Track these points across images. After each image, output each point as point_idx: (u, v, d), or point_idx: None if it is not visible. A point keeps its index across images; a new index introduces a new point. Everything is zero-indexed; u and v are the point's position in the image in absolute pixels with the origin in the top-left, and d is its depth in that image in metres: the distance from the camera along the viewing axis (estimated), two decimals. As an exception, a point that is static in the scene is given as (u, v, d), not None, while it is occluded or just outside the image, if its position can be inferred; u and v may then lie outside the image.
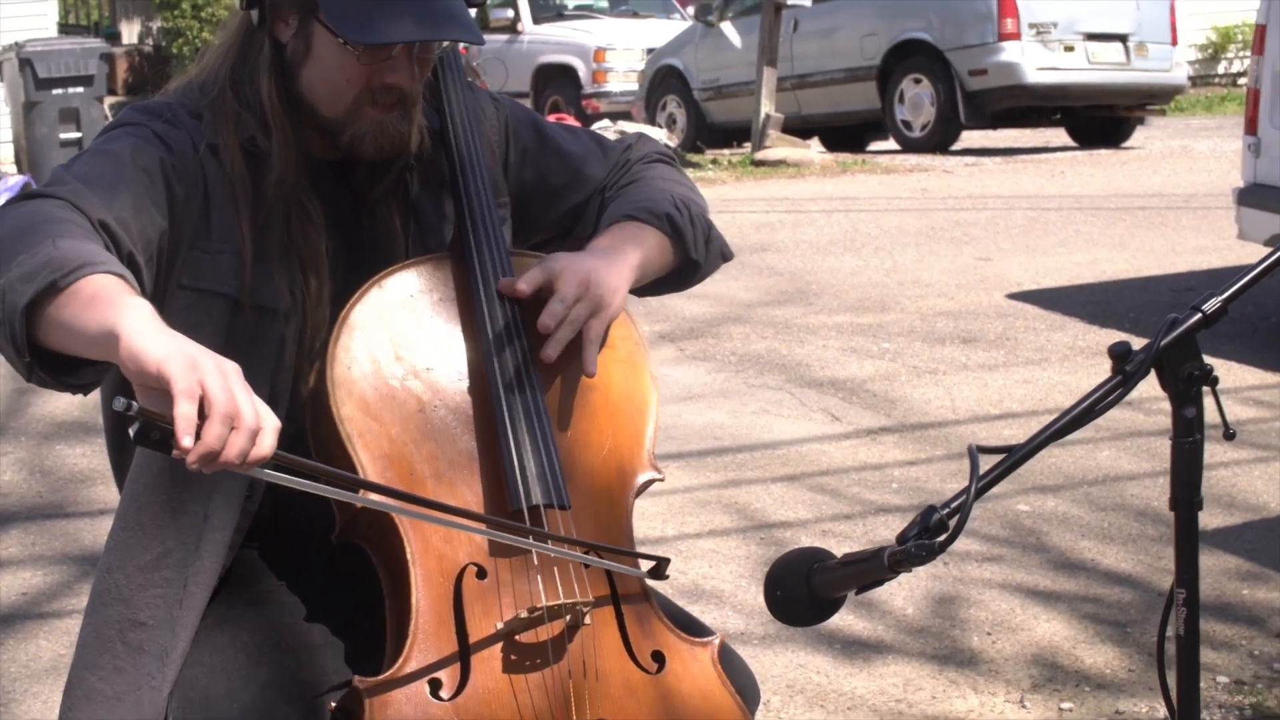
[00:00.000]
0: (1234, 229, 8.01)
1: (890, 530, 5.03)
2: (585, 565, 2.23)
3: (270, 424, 1.85)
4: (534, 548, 2.20)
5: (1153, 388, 1.91)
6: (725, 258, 2.63)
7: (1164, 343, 1.87)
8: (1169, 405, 1.89)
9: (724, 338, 7.97)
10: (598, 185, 2.61)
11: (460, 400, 2.28)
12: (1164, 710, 3.87)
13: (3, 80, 15.48)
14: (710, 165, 15.69)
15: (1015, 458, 1.91)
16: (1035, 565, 4.87)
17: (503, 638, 2.16)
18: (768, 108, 15.81)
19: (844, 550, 2.00)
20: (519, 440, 2.23)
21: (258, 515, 2.35)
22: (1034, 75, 15.87)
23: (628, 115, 18.94)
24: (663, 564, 2.28)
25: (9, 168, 16.15)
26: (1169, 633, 1.97)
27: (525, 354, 2.28)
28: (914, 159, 15.89)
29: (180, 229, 2.24)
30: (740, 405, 6.71)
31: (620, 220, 2.46)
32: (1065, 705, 3.98)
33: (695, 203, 2.55)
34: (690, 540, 5.09)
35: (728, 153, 17.35)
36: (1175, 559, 1.93)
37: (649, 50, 20.19)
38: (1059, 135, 18.01)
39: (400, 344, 2.27)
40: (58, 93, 14.65)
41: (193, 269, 2.26)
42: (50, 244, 1.95)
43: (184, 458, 1.79)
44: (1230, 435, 1.91)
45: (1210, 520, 5.13)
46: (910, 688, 4.07)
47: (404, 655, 2.13)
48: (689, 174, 2.71)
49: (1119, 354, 1.88)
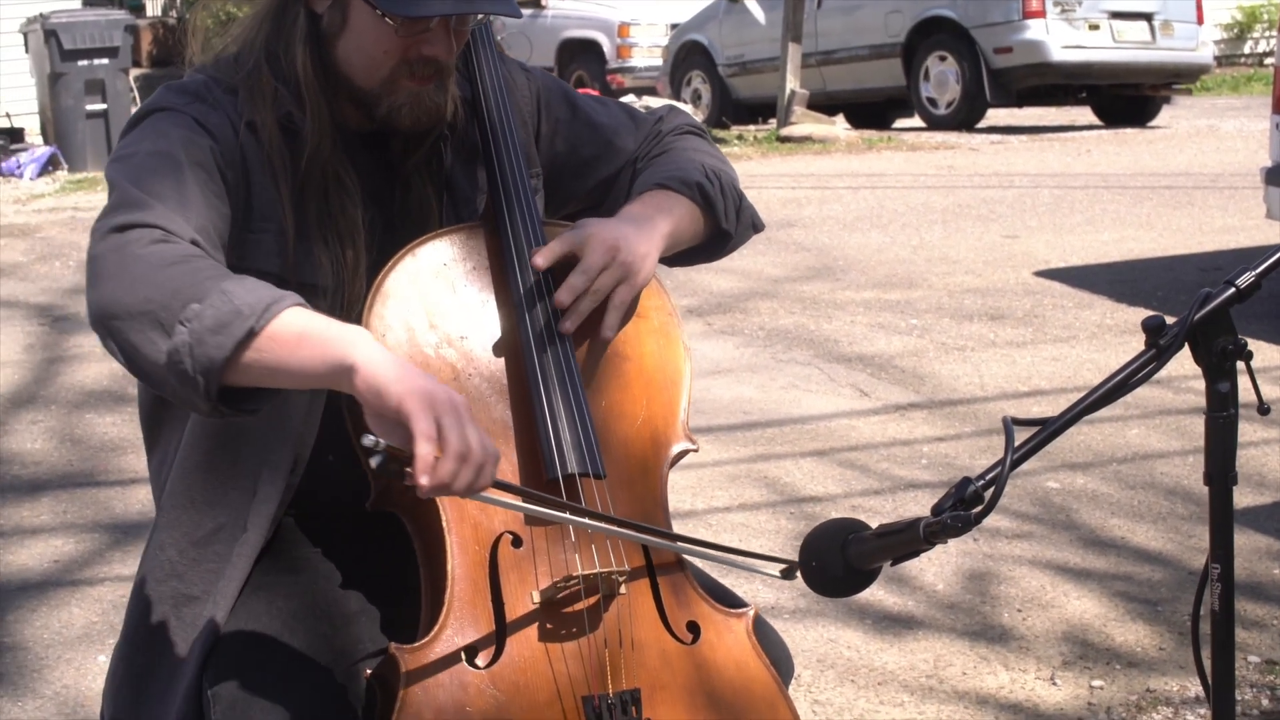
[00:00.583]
0: (1261, 208, 7.97)
1: (920, 506, 5.03)
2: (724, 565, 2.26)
3: (492, 454, 1.94)
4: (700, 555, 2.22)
5: (1180, 366, 1.89)
6: (756, 228, 2.62)
7: (1198, 317, 1.85)
8: (1197, 383, 1.87)
9: (752, 312, 7.96)
10: (629, 157, 2.60)
11: (494, 369, 2.27)
12: (1195, 689, 3.86)
13: (28, 52, 15.50)
14: (736, 141, 15.65)
15: (1050, 430, 1.90)
16: (1065, 542, 4.85)
17: (538, 606, 2.15)
18: (793, 84, 15.77)
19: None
20: (554, 409, 2.22)
21: (299, 485, 2.35)
22: (1059, 53, 15.81)
23: (652, 90, 18.91)
24: (794, 567, 2.27)
25: (35, 138, 16.17)
26: (1203, 609, 1.95)
27: (558, 323, 2.27)
28: (939, 136, 15.84)
29: (234, 213, 2.24)
30: (769, 380, 6.70)
31: (652, 189, 2.45)
32: (1096, 683, 3.96)
33: (726, 174, 2.54)
34: (720, 514, 5.08)
35: (753, 129, 17.31)
36: (1210, 534, 1.92)
37: (673, 25, 20.13)
38: (1085, 114, 17.94)
39: (434, 312, 2.26)
40: (83, 64, 14.68)
41: (239, 249, 2.25)
42: (219, 291, 1.95)
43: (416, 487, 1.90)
44: (1265, 410, 1.89)
45: (1240, 499, 5.08)
46: (941, 663, 4.06)
47: (439, 623, 2.12)
48: (715, 149, 2.69)
49: (1153, 328, 1.87)
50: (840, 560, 1.98)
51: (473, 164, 2.45)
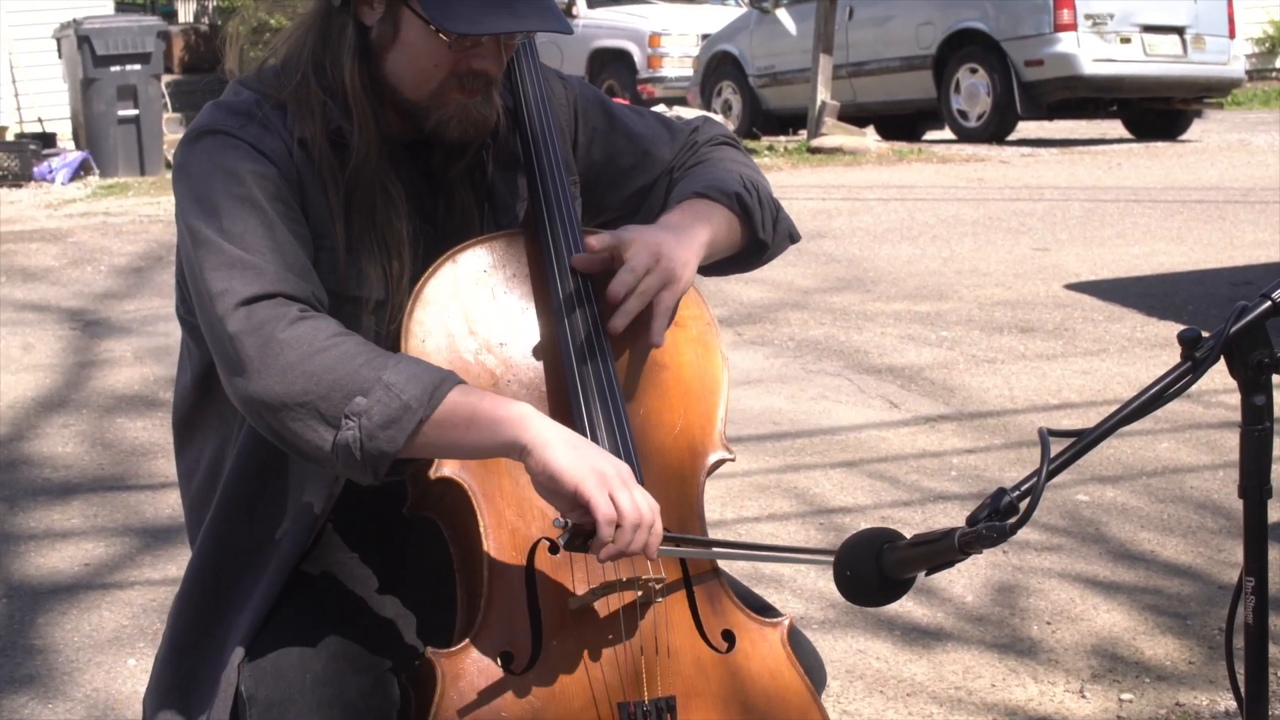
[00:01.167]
0: (1293, 223, 7.95)
1: (949, 517, 5.02)
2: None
3: (658, 510, 2.11)
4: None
5: (1210, 381, 1.89)
6: (793, 239, 2.62)
7: (1234, 330, 1.85)
8: (1227, 397, 1.88)
9: (782, 323, 7.96)
10: (665, 167, 2.61)
11: (533, 375, 2.28)
12: (1225, 703, 3.85)
13: (61, 57, 15.57)
14: (766, 152, 15.64)
15: (1086, 441, 1.89)
16: (1095, 555, 4.84)
17: (574, 612, 2.16)
18: (823, 95, 15.77)
19: (905, 536, 1.99)
20: (592, 416, 2.23)
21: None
22: (1090, 67, 15.78)
23: (683, 101, 18.90)
24: None
25: (67, 144, 16.23)
26: (1236, 622, 1.95)
27: (598, 330, 2.28)
28: (970, 149, 15.81)
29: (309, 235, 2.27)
30: (799, 390, 6.70)
31: (690, 198, 2.45)
32: (1125, 696, 3.96)
33: (763, 185, 2.54)
34: (749, 524, 5.09)
35: (783, 139, 17.30)
36: (1244, 547, 1.91)
37: (704, 36, 20.14)
38: (1115, 127, 17.89)
39: (474, 318, 2.27)
40: (115, 70, 14.74)
41: None
42: (379, 383, 2.06)
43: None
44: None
45: (1274, 513, 5.08)
46: (970, 675, 4.06)
47: (476, 628, 2.13)
48: (745, 159, 2.70)
49: (1189, 340, 1.86)
50: (875, 569, 1.97)
51: (513, 172, 2.46)
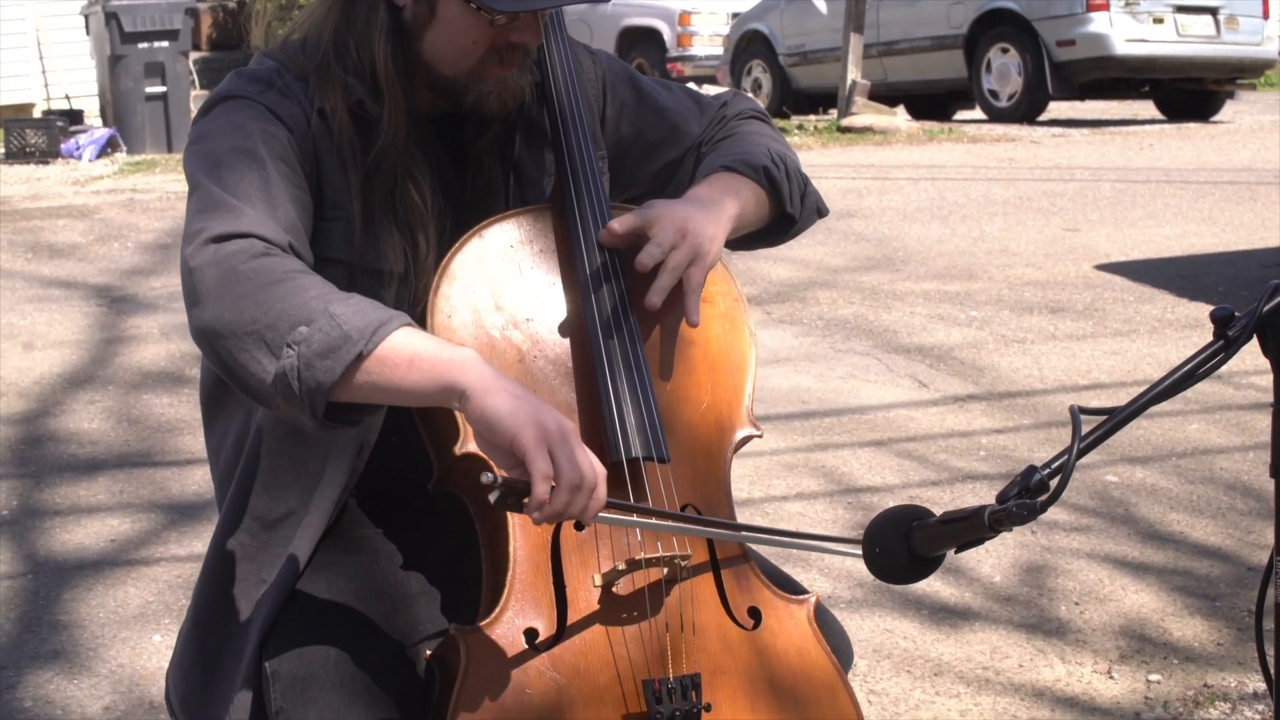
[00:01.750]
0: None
1: (977, 497, 5.00)
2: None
3: (602, 475, 1.97)
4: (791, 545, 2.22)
5: (1240, 361, 1.87)
6: (820, 213, 2.59)
7: (1267, 308, 1.83)
8: (1258, 379, 1.87)
9: (811, 302, 7.94)
10: (694, 141, 2.59)
11: (560, 351, 2.26)
12: (1253, 684, 3.84)
13: (89, 34, 15.58)
14: (796, 131, 15.60)
15: (1117, 419, 1.88)
16: (1124, 536, 4.82)
17: (600, 589, 2.15)
18: (854, 74, 15.71)
19: (934, 516, 1.98)
20: (619, 392, 2.21)
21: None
22: (1122, 47, 15.70)
23: (712, 79, 18.88)
24: None
25: (94, 120, 16.25)
26: (1266, 603, 1.94)
27: (625, 306, 2.26)
28: (1001, 129, 15.75)
29: (313, 202, 2.24)
30: (827, 369, 6.68)
31: (717, 171, 2.43)
32: (1153, 677, 3.94)
33: (791, 158, 2.52)
34: (777, 503, 5.07)
35: (813, 119, 17.25)
36: (1275, 528, 1.90)
37: (734, 14, 20.08)
38: (1147, 108, 17.80)
39: (500, 294, 2.25)
40: (143, 46, 14.74)
41: (311, 237, 2.24)
42: (326, 314, 1.97)
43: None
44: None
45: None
46: (997, 655, 4.05)
47: (500, 604, 2.12)
48: (775, 137, 2.67)
49: (1221, 319, 1.85)
50: (904, 547, 1.96)
51: (540, 147, 2.44)
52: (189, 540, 4.78)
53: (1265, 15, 16.75)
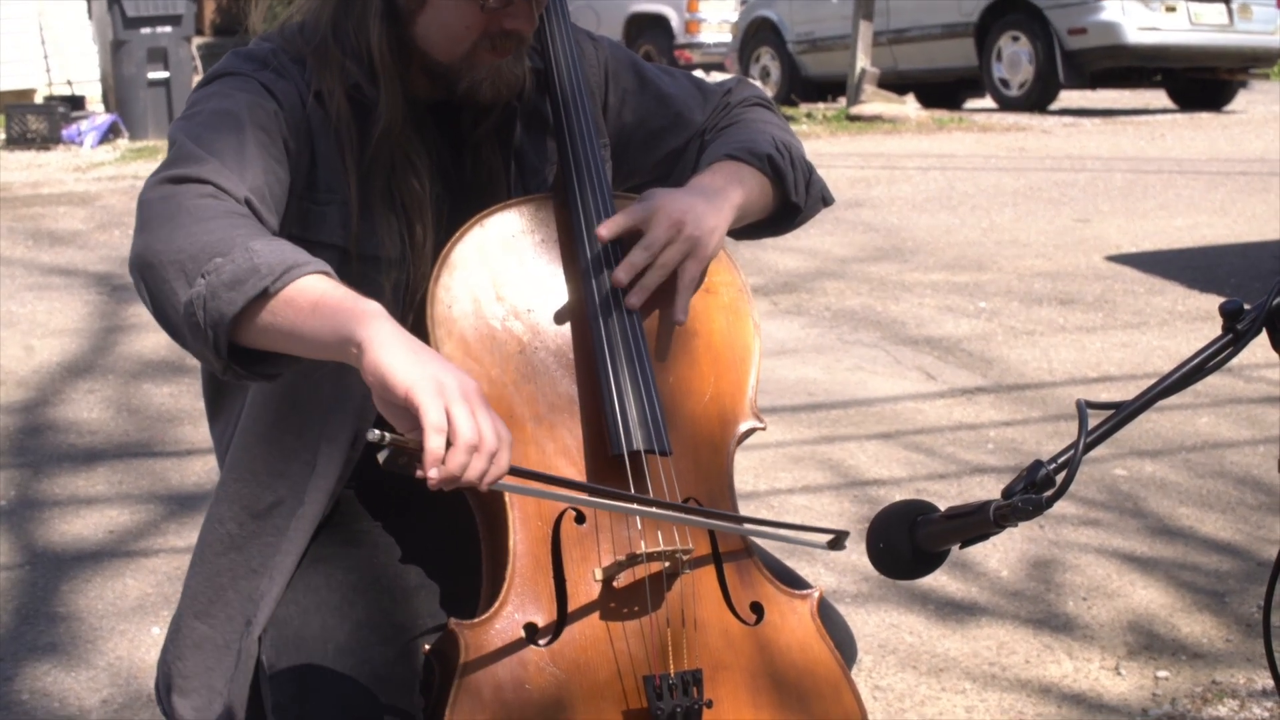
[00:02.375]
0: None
1: (985, 490, 4.98)
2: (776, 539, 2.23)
3: (506, 441, 1.87)
4: (737, 530, 2.18)
5: (1251, 354, 1.84)
6: (826, 202, 2.57)
7: (1277, 302, 1.81)
8: (1269, 372, 1.83)
9: (818, 293, 7.91)
10: (697, 129, 2.56)
11: (561, 342, 2.24)
12: (1262, 681, 3.81)
13: (91, 19, 15.55)
14: (805, 119, 15.56)
15: (1125, 413, 1.86)
16: (1132, 531, 4.79)
17: (601, 584, 2.13)
18: (863, 62, 15.67)
19: (941, 509, 1.95)
20: (620, 384, 2.19)
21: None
22: (1134, 35, 15.64)
23: (720, 67, 18.86)
24: (841, 536, 2.23)
25: (96, 106, 16.22)
26: (1276, 599, 1.90)
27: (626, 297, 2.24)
28: (1011, 118, 15.71)
29: (293, 181, 2.21)
30: (834, 361, 6.65)
31: (721, 159, 2.41)
32: (1161, 673, 3.91)
33: (795, 146, 2.49)
34: (783, 496, 5.05)
35: (822, 106, 17.21)
36: (1285, 523, 1.87)
37: (743, 1, 20.04)
38: (1159, 97, 17.75)
39: (501, 284, 2.23)
40: (146, 32, 14.69)
41: (301, 220, 2.23)
42: (244, 249, 1.93)
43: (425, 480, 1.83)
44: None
45: (1312, 490, 5.05)
46: (1004, 651, 4.02)
47: (500, 599, 2.10)
48: (782, 126, 2.64)
49: (1230, 312, 1.82)
50: (909, 542, 1.95)
51: (542, 135, 2.42)
52: (189, 532, 4.76)
53: (1279, 4, 16.68)
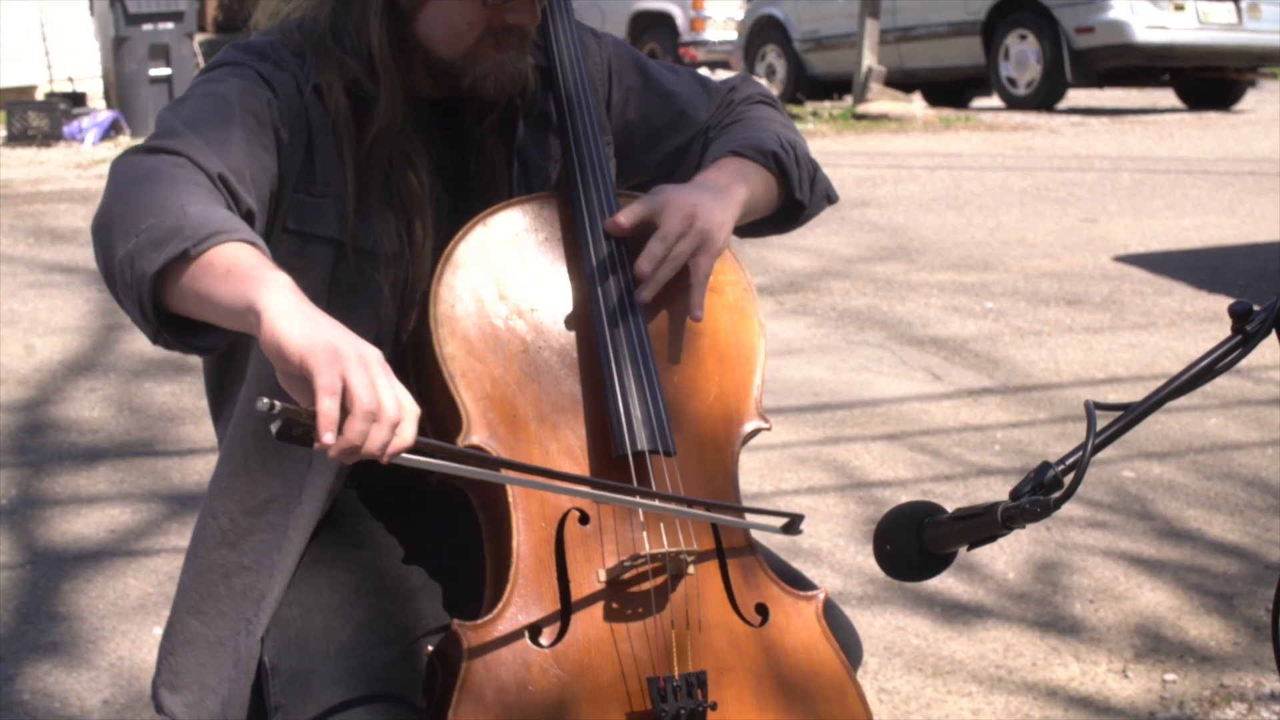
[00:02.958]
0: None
1: (992, 492, 4.96)
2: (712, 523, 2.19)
3: (411, 412, 1.80)
4: (677, 513, 2.14)
5: (1260, 356, 1.83)
6: (830, 200, 2.57)
7: (1287, 303, 1.80)
8: (1278, 374, 1.81)
9: (824, 292, 7.89)
10: (701, 126, 2.56)
11: (565, 342, 2.23)
12: (1270, 685, 3.79)
13: (93, 15, 15.53)
14: (810, 117, 15.55)
15: (1133, 415, 1.86)
16: (1140, 533, 4.77)
17: (604, 585, 2.11)
18: (870, 60, 15.65)
19: (947, 511, 1.94)
20: (624, 384, 2.18)
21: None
22: (1143, 34, 15.60)
23: (726, 65, 18.84)
24: (796, 520, 2.21)
25: (98, 103, 16.20)
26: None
27: (631, 296, 2.23)
28: (1018, 117, 15.69)
29: (285, 173, 2.20)
30: (840, 361, 6.63)
31: (726, 156, 2.40)
32: (1169, 676, 3.89)
33: (800, 144, 2.49)
34: (788, 497, 5.03)
35: (828, 105, 17.20)
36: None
37: (749, -2, 20.04)
38: (1167, 96, 17.73)
39: (504, 283, 2.22)
40: (148, 28, 14.67)
41: (297, 213, 2.21)
42: (179, 209, 1.90)
43: (325, 451, 1.76)
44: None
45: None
46: (1010, 653, 4.00)
47: (503, 600, 2.09)
48: (787, 124, 2.63)
49: (1240, 313, 1.82)
50: (916, 544, 1.94)
51: (545, 133, 2.41)
52: (190, 531, 4.72)
53: (1288, 3, 16.66)
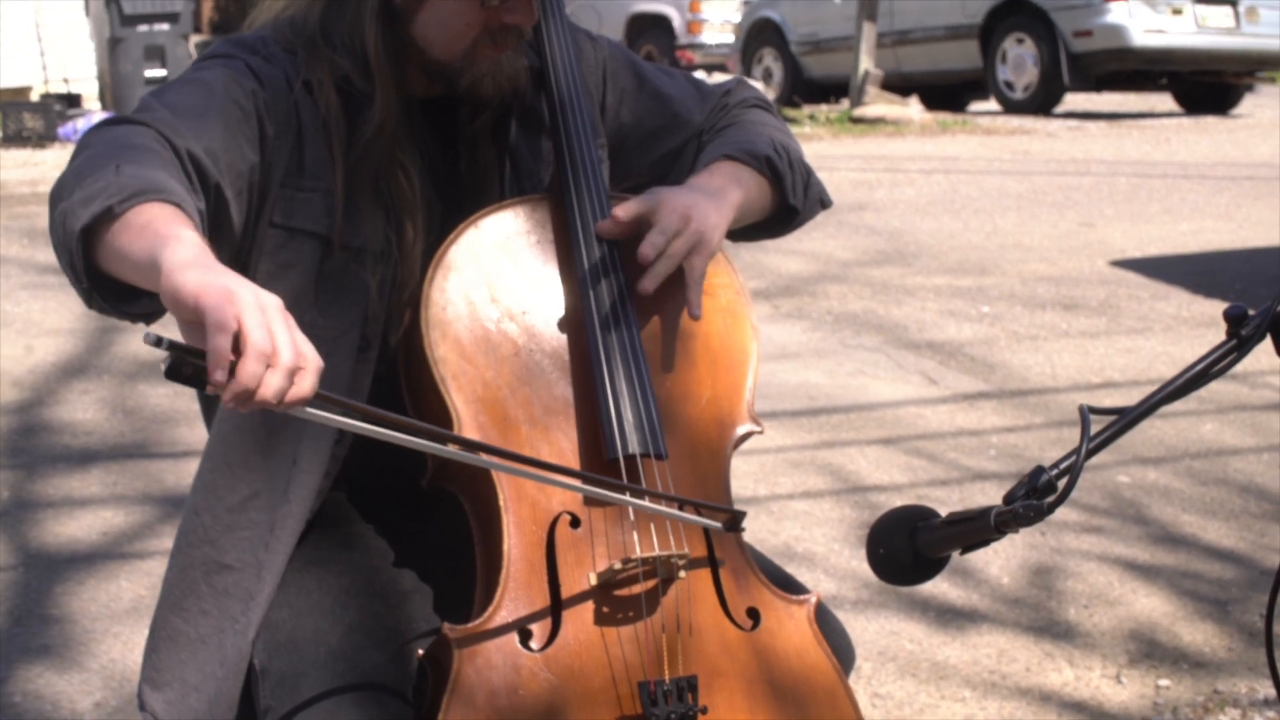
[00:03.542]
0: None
1: (987, 496, 4.95)
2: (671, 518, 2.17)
3: (312, 363, 1.74)
4: (619, 500, 2.13)
5: (1255, 361, 1.82)
6: (824, 205, 2.56)
7: (1281, 308, 1.79)
8: (1274, 379, 1.81)
9: (820, 296, 7.89)
10: (695, 130, 2.55)
11: (557, 345, 2.22)
12: (1264, 691, 3.79)
13: (88, 16, 15.53)
14: (807, 121, 15.55)
15: (1127, 420, 1.85)
16: (1135, 538, 4.76)
17: (595, 588, 2.11)
18: (867, 64, 15.66)
19: (942, 515, 1.93)
20: (616, 388, 2.18)
21: (347, 459, 2.30)
22: (1140, 38, 15.62)
23: (723, 67, 18.86)
24: (738, 516, 2.19)
25: (93, 104, 16.19)
26: (1277, 608, 1.89)
27: (624, 299, 2.22)
28: (1015, 120, 15.71)
29: (272, 166, 2.19)
30: (836, 365, 6.63)
31: (719, 160, 2.40)
32: (1163, 682, 3.89)
33: (794, 148, 2.49)
34: (783, 501, 5.02)
35: (825, 108, 17.19)
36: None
37: (745, 1, 20.03)
38: (1165, 100, 17.74)
39: (496, 286, 2.22)
40: (143, 29, 14.67)
41: (284, 207, 2.21)
42: (113, 169, 1.89)
43: (219, 394, 1.71)
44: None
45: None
46: (1004, 658, 4.00)
47: (494, 604, 2.08)
48: (783, 128, 2.63)
49: (1235, 317, 1.82)
50: (909, 548, 1.93)
51: (537, 135, 2.41)
52: (184, 533, 4.73)
53: (1285, 7, 16.67)
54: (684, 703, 2.08)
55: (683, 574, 2.14)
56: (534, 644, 2.08)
